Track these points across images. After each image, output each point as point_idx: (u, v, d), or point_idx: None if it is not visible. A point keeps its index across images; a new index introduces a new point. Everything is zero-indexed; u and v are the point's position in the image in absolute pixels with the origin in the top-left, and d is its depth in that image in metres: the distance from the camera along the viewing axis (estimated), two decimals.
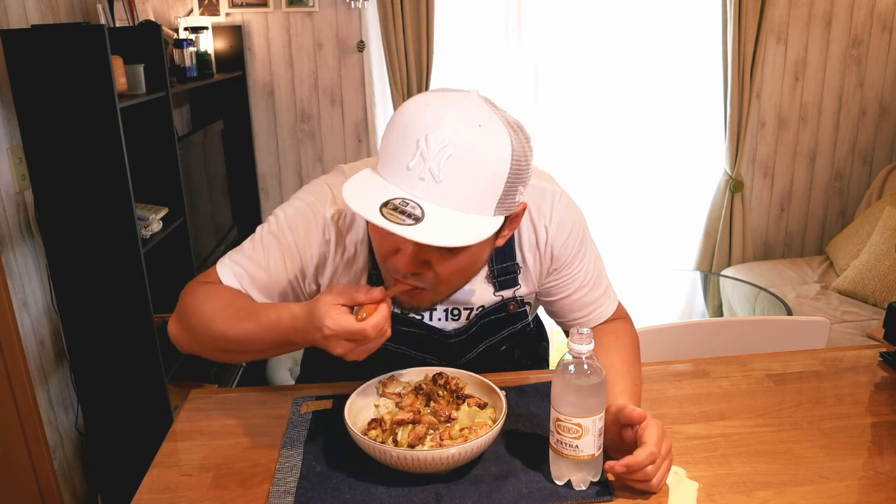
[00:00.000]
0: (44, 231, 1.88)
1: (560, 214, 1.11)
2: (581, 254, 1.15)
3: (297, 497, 0.93)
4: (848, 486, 0.95)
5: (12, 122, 1.86)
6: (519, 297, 1.14)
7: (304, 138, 3.34)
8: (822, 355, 1.32)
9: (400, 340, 1.12)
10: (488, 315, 1.14)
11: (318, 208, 1.06)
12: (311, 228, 1.06)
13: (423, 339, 1.14)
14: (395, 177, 0.84)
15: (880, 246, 2.92)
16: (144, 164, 2.17)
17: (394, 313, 0.98)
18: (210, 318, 1.02)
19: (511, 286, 1.12)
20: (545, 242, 1.11)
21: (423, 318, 1.12)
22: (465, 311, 1.13)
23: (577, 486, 0.93)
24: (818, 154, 3.56)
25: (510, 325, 1.16)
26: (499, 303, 1.13)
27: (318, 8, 3.15)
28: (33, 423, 1.88)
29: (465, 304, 1.12)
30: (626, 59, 3.35)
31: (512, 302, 1.13)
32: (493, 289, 1.12)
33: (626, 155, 3.49)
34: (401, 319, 1.11)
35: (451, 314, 1.13)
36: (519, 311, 1.15)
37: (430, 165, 0.82)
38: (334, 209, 1.06)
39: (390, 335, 0.90)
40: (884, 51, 3.43)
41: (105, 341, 1.98)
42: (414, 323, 1.12)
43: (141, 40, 2.16)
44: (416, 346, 1.14)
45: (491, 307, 1.13)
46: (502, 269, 1.10)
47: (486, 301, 1.12)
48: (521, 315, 1.16)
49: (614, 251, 3.57)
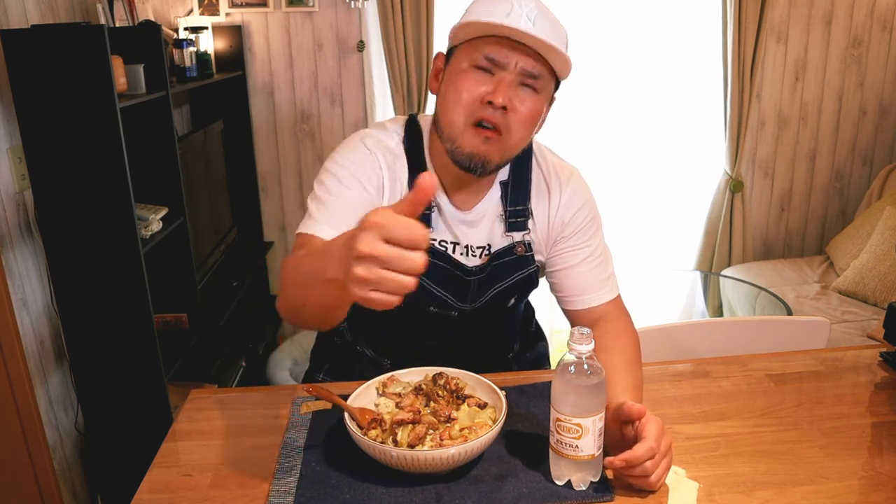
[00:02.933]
0: (44, 231, 1.88)
1: (575, 186, 1.22)
2: (591, 230, 1.23)
3: (297, 497, 0.93)
4: (848, 486, 0.95)
5: (12, 122, 1.86)
6: (527, 241, 1.20)
7: (304, 138, 3.34)
8: (822, 355, 1.33)
9: (429, 274, 1.14)
10: (500, 257, 1.20)
11: (357, 147, 1.15)
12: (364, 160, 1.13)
13: (446, 275, 1.18)
14: (496, 23, 1.01)
15: (880, 246, 2.92)
16: (144, 164, 2.16)
17: (431, 246, 1.05)
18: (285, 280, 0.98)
19: (521, 229, 1.19)
20: (557, 205, 1.20)
21: (450, 251, 1.18)
22: (478, 250, 1.20)
23: (577, 486, 0.93)
24: (818, 154, 3.56)
25: (518, 271, 1.20)
26: (508, 245, 1.20)
27: (318, 8, 3.15)
28: (33, 423, 1.88)
29: (479, 243, 1.19)
30: (626, 59, 3.35)
31: (520, 244, 1.20)
32: (504, 228, 1.19)
33: (626, 155, 3.49)
34: (436, 252, 1.17)
35: (470, 251, 1.19)
36: (527, 254, 1.20)
37: (525, 12, 1.01)
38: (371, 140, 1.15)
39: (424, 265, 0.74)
40: (884, 51, 3.43)
41: (105, 341, 1.98)
42: (441, 255, 1.17)
43: (141, 40, 2.16)
44: (440, 282, 1.18)
45: (502, 249, 1.20)
46: (514, 211, 1.19)
47: (497, 241, 1.20)
48: (528, 261, 1.21)
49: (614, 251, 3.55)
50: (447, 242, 1.19)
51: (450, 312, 1.21)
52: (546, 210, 1.20)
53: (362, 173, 1.12)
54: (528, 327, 1.46)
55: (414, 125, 1.19)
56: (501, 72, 1.04)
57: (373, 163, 1.13)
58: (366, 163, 1.13)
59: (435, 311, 1.21)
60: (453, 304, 1.20)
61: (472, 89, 1.04)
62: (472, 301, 1.21)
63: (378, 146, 1.15)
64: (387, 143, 1.16)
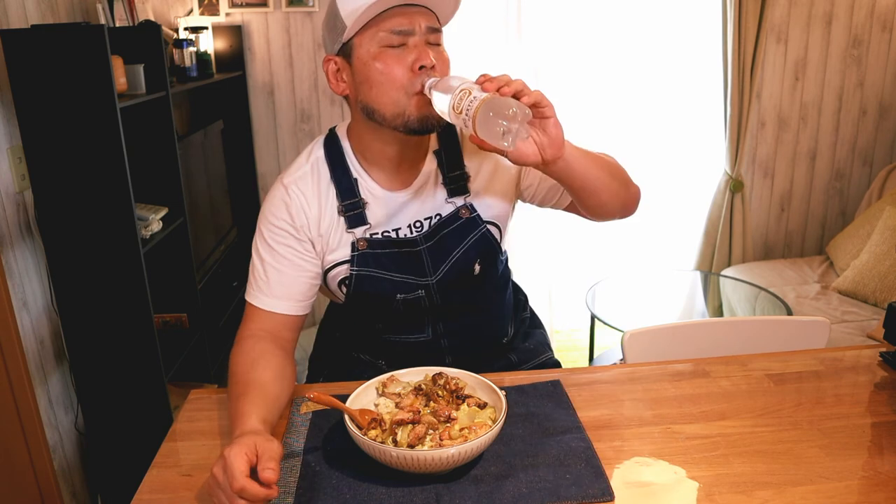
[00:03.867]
0: (44, 231, 1.88)
1: None
2: None
3: (297, 497, 0.93)
4: (848, 486, 0.95)
5: (12, 122, 1.86)
6: (469, 203, 1.23)
7: (304, 138, 3.34)
8: (822, 355, 1.32)
9: (378, 263, 1.20)
10: (447, 225, 1.22)
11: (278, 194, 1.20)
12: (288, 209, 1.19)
13: (396, 257, 1.21)
14: None
15: (880, 246, 2.92)
16: (144, 164, 2.17)
17: (369, 238, 1.19)
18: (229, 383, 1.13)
19: (461, 193, 1.23)
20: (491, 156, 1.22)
21: (393, 236, 1.22)
22: (425, 222, 1.23)
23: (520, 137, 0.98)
24: (818, 154, 3.56)
25: (469, 235, 1.23)
26: (453, 211, 1.23)
27: (318, 8, 3.15)
28: (33, 423, 1.88)
29: (425, 215, 1.22)
30: (626, 58, 3.35)
31: (463, 209, 1.23)
32: (446, 195, 1.22)
33: (626, 155, 3.43)
34: (375, 242, 1.20)
35: (415, 226, 1.22)
36: (472, 216, 1.23)
37: None
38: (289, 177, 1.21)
39: None
40: (884, 51, 3.43)
41: (105, 341, 1.98)
42: (387, 242, 1.21)
43: (141, 40, 2.16)
44: (393, 267, 1.21)
45: (447, 216, 1.23)
46: (452, 177, 1.22)
47: (441, 209, 1.23)
48: (475, 222, 1.23)
49: (614, 251, 3.57)
50: (389, 231, 1.22)
51: (417, 293, 1.22)
52: (480, 162, 1.24)
53: (289, 226, 1.19)
54: (520, 313, 1.46)
55: (331, 136, 1.24)
56: (412, 38, 1.08)
57: (296, 204, 1.19)
58: (292, 211, 1.19)
59: (402, 296, 1.22)
60: (414, 282, 1.22)
61: (398, 65, 1.08)
62: (431, 274, 1.22)
63: (295, 182, 1.20)
64: (302, 171, 1.21)
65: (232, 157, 3.18)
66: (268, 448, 0.89)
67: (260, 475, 0.86)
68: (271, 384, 1.07)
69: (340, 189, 1.19)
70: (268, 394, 1.05)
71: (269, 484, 0.86)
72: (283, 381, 1.11)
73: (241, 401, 1.02)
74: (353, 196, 1.19)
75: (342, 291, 1.24)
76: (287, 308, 1.19)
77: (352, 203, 1.19)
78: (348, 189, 1.19)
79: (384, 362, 1.32)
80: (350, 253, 1.20)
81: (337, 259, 1.21)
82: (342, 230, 1.20)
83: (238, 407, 1.01)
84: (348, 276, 1.21)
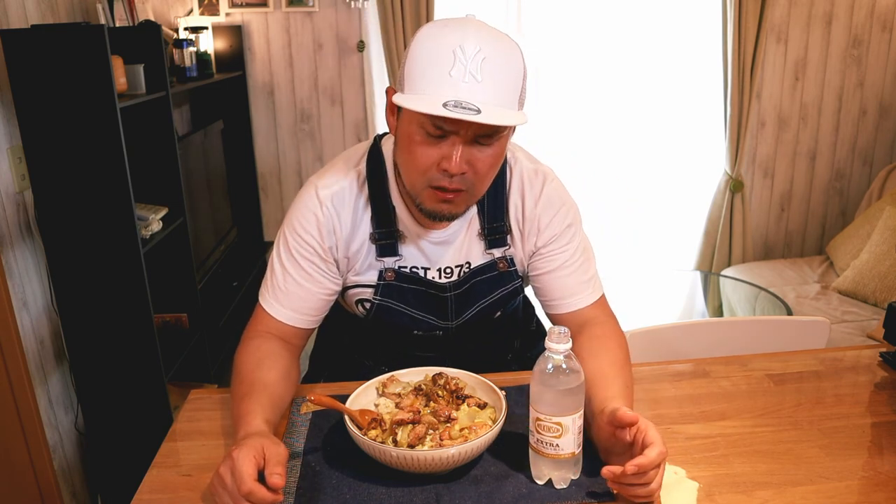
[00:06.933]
0: (44, 231, 1.88)
1: (550, 193, 1.18)
2: (570, 233, 1.19)
3: (297, 497, 0.93)
4: (848, 486, 0.95)
5: (12, 122, 1.86)
6: (509, 257, 1.19)
7: (304, 138, 3.34)
8: (822, 355, 1.32)
9: (403, 299, 1.17)
10: (480, 273, 1.19)
11: (311, 205, 1.13)
12: (318, 224, 1.13)
13: (422, 296, 1.18)
14: (437, 86, 0.96)
15: (880, 246, 2.92)
16: (144, 164, 2.16)
17: (398, 270, 1.15)
18: (233, 381, 1.11)
19: (501, 245, 1.19)
20: (533, 217, 1.17)
21: (421, 275, 1.18)
22: (456, 269, 1.19)
23: (558, 485, 0.93)
24: (818, 154, 3.56)
25: (501, 287, 1.20)
26: (489, 261, 1.19)
27: (318, 8, 3.15)
28: (33, 423, 1.88)
29: (457, 262, 1.19)
30: (626, 58, 3.35)
31: (502, 261, 1.19)
32: (484, 246, 1.18)
33: (626, 155, 3.49)
34: (403, 276, 1.17)
35: (445, 272, 1.19)
36: (509, 270, 1.19)
37: (469, 69, 0.95)
38: (325, 191, 1.14)
39: None
40: (884, 51, 3.43)
41: (105, 341, 1.98)
42: (414, 279, 1.17)
43: (141, 40, 2.16)
44: (417, 305, 1.18)
45: (481, 265, 1.19)
46: (493, 228, 1.17)
47: (477, 259, 1.19)
48: (511, 276, 1.20)
49: (615, 251, 3.56)
50: (418, 268, 1.17)
51: (435, 332, 1.21)
52: (521, 221, 1.18)
53: (317, 244, 1.13)
54: (528, 326, 1.46)
55: (375, 149, 1.16)
56: (454, 136, 0.99)
57: (328, 224, 1.13)
58: (322, 230, 1.13)
59: (420, 333, 1.21)
60: (435, 323, 1.20)
61: (426, 155, 1.01)
62: (453, 319, 1.20)
63: (331, 197, 1.13)
64: (340, 185, 1.14)
65: (232, 157, 3.18)
66: (275, 452, 0.89)
67: (267, 480, 0.86)
68: (276, 384, 1.07)
69: (377, 216, 1.14)
70: (273, 394, 1.05)
71: (277, 489, 0.86)
72: (289, 382, 1.10)
73: (246, 400, 1.02)
74: (389, 226, 1.14)
75: (359, 310, 1.22)
76: (299, 322, 1.16)
77: (387, 232, 1.14)
78: (386, 218, 1.14)
79: (386, 369, 1.31)
80: (376, 281, 1.16)
81: (361, 282, 1.18)
82: (372, 257, 1.16)
83: (243, 406, 1.01)
84: (370, 302, 1.18)
